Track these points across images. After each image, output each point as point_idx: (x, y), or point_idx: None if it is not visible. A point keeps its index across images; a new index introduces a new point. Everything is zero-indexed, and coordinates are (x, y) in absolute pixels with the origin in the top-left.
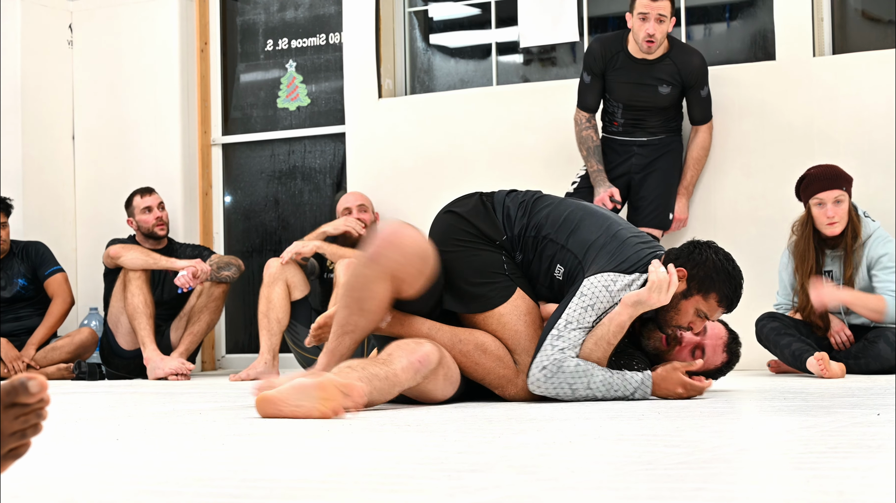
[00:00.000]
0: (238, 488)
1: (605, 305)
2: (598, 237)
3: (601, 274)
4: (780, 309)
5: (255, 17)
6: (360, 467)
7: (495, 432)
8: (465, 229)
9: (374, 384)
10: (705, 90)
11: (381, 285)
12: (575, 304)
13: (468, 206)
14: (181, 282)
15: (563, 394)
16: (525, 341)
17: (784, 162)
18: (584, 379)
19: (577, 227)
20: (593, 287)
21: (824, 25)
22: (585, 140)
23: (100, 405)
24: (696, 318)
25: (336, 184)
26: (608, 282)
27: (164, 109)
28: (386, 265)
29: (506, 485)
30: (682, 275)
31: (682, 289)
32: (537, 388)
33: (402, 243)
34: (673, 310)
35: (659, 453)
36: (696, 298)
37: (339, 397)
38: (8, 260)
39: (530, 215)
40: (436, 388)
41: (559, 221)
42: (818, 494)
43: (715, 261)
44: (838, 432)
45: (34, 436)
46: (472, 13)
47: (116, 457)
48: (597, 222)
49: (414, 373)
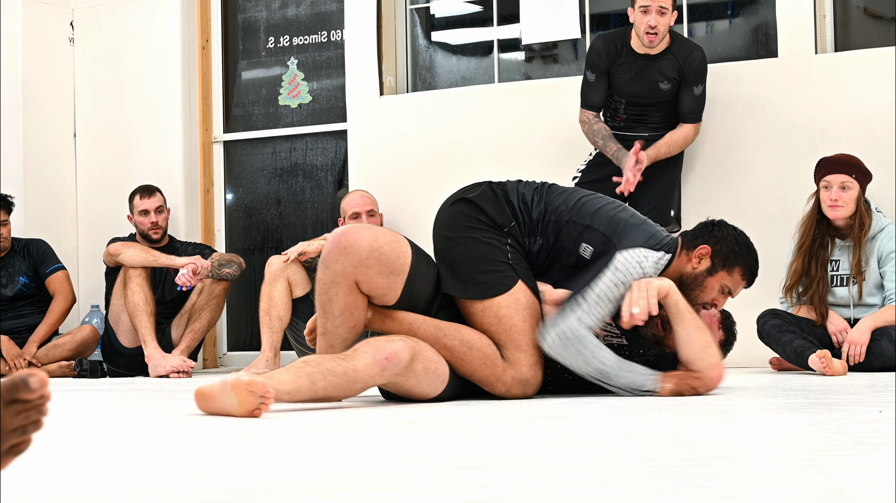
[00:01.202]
0: (239, 486)
1: (633, 277)
2: (626, 216)
3: (634, 249)
4: (785, 304)
5: (256, 14)
6: (362, 465)
7: (497, 429)
8: (473, 215)
9: (328, 380)
10: (699, 88)
11: (336, 289)
12: (607, 278)
13: (477, 192)
14: (181, 281)
15: (575, 362)
16: (518, 336)
17: (786, 159)
18: (599, 353)
19: (599, 209)
20: (627, 262)
21: (826, 22)
22: (598, 132)
23: (101, 403)
24: (720, 295)
25: (337, 181)
26: (641, 259)
27: (165, 107)
28: (337, 269)
29: (507, 483)
30: (705, 252)
31: (707, 267)
32: (551, 350)
33: (351, 246)
34: (699, 289)
35: (661, 450)
36: (721, 274)
37: (252, 398)
38: (9, 258)
39: (547, 201)
40: (418, 384)
41: (579, 205)
42: (820, 492)
43: (735, 236)
44: (840, 430)
45: (35, 433)
46: (474, 10)
47: (118, 455)
48: (616, 204)
49: (380, 370)
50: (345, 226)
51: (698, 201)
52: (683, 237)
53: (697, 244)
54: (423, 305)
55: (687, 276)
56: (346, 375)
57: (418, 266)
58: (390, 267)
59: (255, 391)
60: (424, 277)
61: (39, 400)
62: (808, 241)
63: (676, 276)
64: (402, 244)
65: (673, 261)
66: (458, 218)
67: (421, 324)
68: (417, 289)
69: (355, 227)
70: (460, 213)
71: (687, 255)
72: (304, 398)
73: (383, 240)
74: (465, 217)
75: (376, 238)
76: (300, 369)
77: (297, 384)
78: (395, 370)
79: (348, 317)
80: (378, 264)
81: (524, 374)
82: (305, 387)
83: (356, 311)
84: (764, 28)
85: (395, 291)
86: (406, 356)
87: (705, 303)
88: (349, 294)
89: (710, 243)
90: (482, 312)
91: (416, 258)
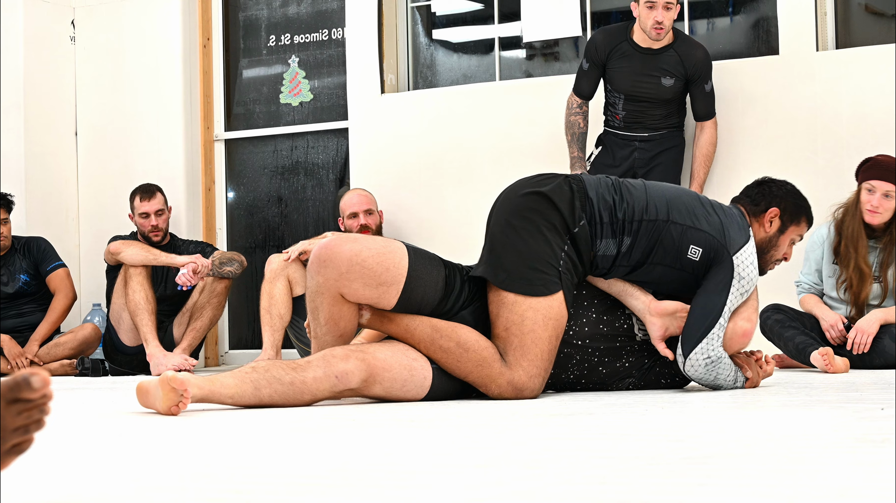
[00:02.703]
0: (242, 484)
1: (754, 283)
2: (715, 212)
3: (742, 249)
4: (800, 286)
5: (257, 12)
6: (364, 463)
7: (499, 428)
8: (543, 210)
9: (273, 387)
10: (709, 85)
11: (321, 299)
12: (735, 288)
13: (552, 185)
14: (181, 281)
15: (708, 380)
16: (531, 343)
17: (787, 156)
18: (728, 373)
19: (692, 207)
20: (746, 267)
21: (827, 20)
22: (572, 125)
23: (103, 401)
24: (789, 248)
25: (339, 179)
26: (752, 258)
27: (166, 105)
28: (319, 281)
29: (509, 481)
30: (775, 214)
31: (778, 227)
32: (693, 371)
33: (331, 260)
34: (773, 249)
35: (662, 448)
36: (791, 229)
37: (173, 395)
38: (10, 256)
39: (630, 201)
40: (387, 395)
41: (673, 204)
42: (822, 489)
43: (790, 190)
44: (842, 427)
45: (37, 432)
46: (475, 8)
47: (119, 454)
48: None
49: (330, 385)
50: (329, 238)
51: None
52: (744, 205)
53: (763, 209)
54: (433, 307)
55: (762, 242)
56: (294, 386)
57: (419, 275)
58: (377, 279)
59: (176, 388)
60: (427, 284)
61: (41, 399)
62: (864, 244)
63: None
64: (395, 254)
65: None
66: (525, 208)
67: (417, 325)
68: (419, 296)
69: (339, 238)
70: (530, 204)
71: (758, 222)
72: (248, 403)
73: (367, 252)
74: (534, 210)
75: (359, 251)
76: (247, 374)
77: (241, 389)
78: (346, 387)
79: (333, 327)
80: (361, 277)
81: (520, 380)
82: (249, 393)
83: (341, 321)
84: (765, 25)
85: (388, 301)
86: (357, 378)
87: (779, 259)
88: (333, 304)
89: (775, 204)
90: (511, 306)
91: (415, 266)
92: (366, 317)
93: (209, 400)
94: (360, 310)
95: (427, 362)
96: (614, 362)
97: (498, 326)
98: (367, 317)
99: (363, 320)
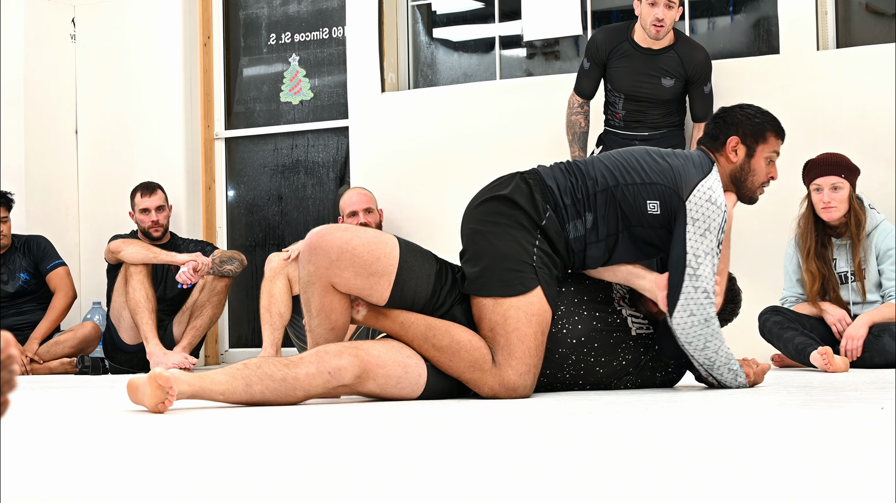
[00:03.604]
0: (243, 483)
1: (719, 220)
2: (665, 161)
3: (696, 188)
4: (786, 302)
5: (258, 10)
6: (364, 462)
7: (497, 427)
8: (505, 212)
9: (265, 384)
10: (708, 87)
11: (312, 289)
12: (692, 233)
13: (510, 187)
14: (182, 279)
15: (697, 345)
16: (517, 342)
17: (787, 155)
18: (719, 342)
19: (640, 163)
20: (700, 206)
21: (828, 19)
22: (573, 125)
23: (103, 399)
24: (770, 167)
25: (339, 178)
26: (708, 194)
27: (166, 104)
28: (310, 270)
29: (509, 480)
30: (735, 142)
31: (744, 152)
32: (681, 330)
33: (321, 247)
34: (750, 175)
35: (662, 448)
36: (760, 148)
37: (160, 392)
38: (10, 254)
39: (583, 178)
40: (382, 393)
41: (619, 168)
42: (821, 489)
43: (745, 111)
44: (842, 426)
45: (10, 393)
46: (476, 7)
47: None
48: (645, 152)
49: (323, 382)
50: (322, 226)
51: None
52: (705, 144)
53: (722, 140)
54: (424, 302)
55: (734, 172)
56: (286, 382)
57: (410, 267)
58: (369, 268)
59: (162, 386)
60: (419, 277)
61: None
62: (813, 245)
63: (726, 179)
64: (386, 245)
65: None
66: (489, 213)
67: (412, 323)
68: (410, 289)
69: (330, 227)
70: (492, 209)
71: (722, 156)
72: (240, 400)
73: (358, 241)
74: (496, 213)
75: (349, 239)
76: (238, 371)
77: (233, 386)
78: (340, 384)
79: (325, 319)
80: (352, 265)
81: (510, 380)
82: (241, 390)
83: (333, 313)
84: (765, 24)
85: (380, 292)
86: (350, 374)
87: (763, 183)
88: (324, 295)
89: (732, 132)
90: (492, 308)
91: (406, 258)
92: (361, 314)
93: (200, 396)
94: (355, 305)
95: (422, 360)
96: (611, 361)
97: (483, 328)
98: (363, 314)
99: (358, 317)
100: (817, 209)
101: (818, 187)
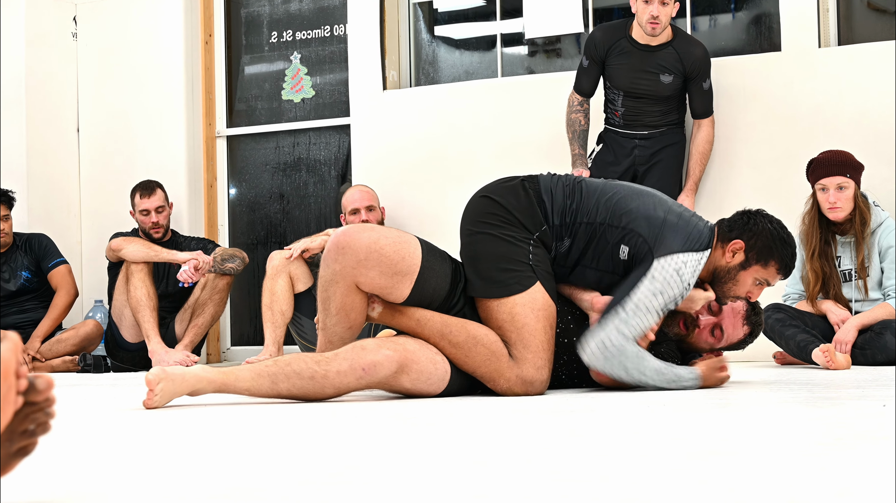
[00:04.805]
0: (246, 482)
1: (676, 292)
2: (662, 214)
3: (672, 256)
4: (789, 299)
5: (259, 8)
6: (368, 462)
7: (499, 425)
8: (498, 212)
9: (292, 381)
10: (707, 83)
11: (335, 288)
12: (645, 288)
13: (507, 192)
14: (183, 278)
15: (616, 374)
16: (529, 336)
17: (789, 153)
18: (640, 364)
19: (635, 208)
20: (664, 271)
21: (829, 16)
22: (573, 123)
23: (104, 398)
24: (754, 287)
25: (341, 176)
26: (679, 266)
27: (168, 102)
28: (336, 269)
29: (511, 479)
30: (739, 247)
31: (740, 261)
32: (591, 360)
33: (350, 247)
34: (731, 282)
35: (664, 446)
36: (755, 268)
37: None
38: (11, 252)
39: (579, 202)
40: (409, 389)
41: (611, 205)
42: (823, 486)
43: (771, 230)
44: (843, 424)
45: (42, 436)
46: (477, 4)
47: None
48: (652, 200)
49: (356, 378)
50: (348, 225)
51: (701, 195)
52: (720, 227)
53: (732, 237)
54: (441, 301)
55: (720, 270)
56: (314, 380)
57: (431, 265)
58: (394, 268)
59: (150, 383)
60: (439, 276)
61: (45, 402)
62: (817, 245)
63: (711, 269)
64: (410, 245)
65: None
66: (483, 214)
67: (428, 319)
68: (431, 288)
69: (357, 227)
70: (486, 209)
71: (722, 248)
72: (265, 395)
73: (385, 241)
74: (490, 214)
75: (377, 239)
76: (266, 368)
77: (258, 383)
78: (373, 380)
79: (344, 317)
80: (379, 265)
81: (528, 374)
82: (266, 387)
83: (352, 312)
84: (767, 21)
85: (401, 291)
86: (387, 369)
87: (738, 295)
88: (347, 294)
89: (743, 237)
90: (497, 308)
91: (427, 258)
92: (377, 311)
93: (224, 390)
94: (371, 303)
95: (445, 358)
96: None
97: (492, 329)
98: (379, 311)
99: (374, 314)
100: (823, 209)
101: (823, 187)
